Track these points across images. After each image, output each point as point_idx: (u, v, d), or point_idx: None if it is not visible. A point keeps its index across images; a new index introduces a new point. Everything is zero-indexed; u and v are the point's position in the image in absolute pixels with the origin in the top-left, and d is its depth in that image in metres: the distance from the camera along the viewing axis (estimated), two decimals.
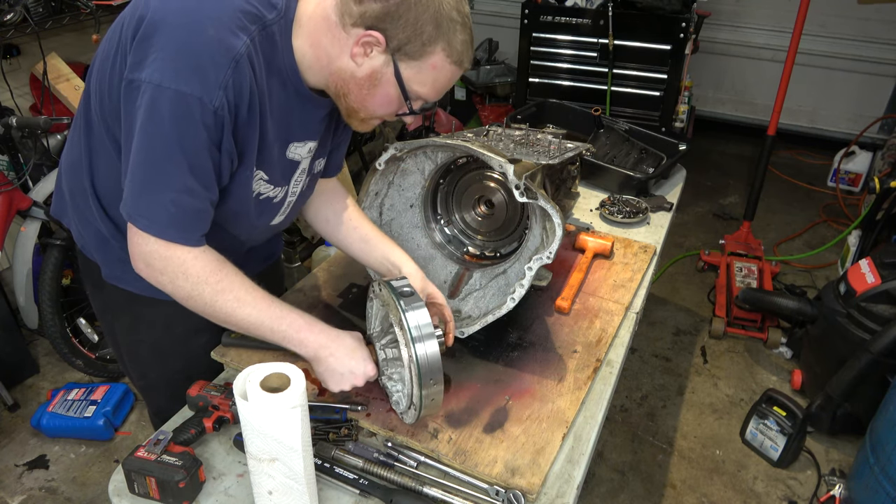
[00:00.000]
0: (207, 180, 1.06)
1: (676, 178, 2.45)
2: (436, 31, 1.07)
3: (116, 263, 1.30)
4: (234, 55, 0.98)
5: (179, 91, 0.96)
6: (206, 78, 0.97)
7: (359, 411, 1.30)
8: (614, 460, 2.45)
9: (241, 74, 1.00)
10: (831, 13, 4.37)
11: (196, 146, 1.01)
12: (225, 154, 1.07)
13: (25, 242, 2.51)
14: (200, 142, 1.00)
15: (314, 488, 1.10)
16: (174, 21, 0.98)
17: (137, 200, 1.04)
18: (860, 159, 4.30)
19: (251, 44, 1.01)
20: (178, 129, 0.98)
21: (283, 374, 1.02)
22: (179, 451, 1.15)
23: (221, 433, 1.27)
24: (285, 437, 0.99)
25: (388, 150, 1.54)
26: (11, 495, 2.27)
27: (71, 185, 1.29)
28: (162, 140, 0.99)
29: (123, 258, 1.18)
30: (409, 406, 1.22)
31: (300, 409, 0.99)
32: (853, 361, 2.26)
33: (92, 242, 1.31)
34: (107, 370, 2.68)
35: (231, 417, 1.26)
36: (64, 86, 2.67)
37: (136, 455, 1.14)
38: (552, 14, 3.67)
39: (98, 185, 1.23)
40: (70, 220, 1.34)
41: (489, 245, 1.74)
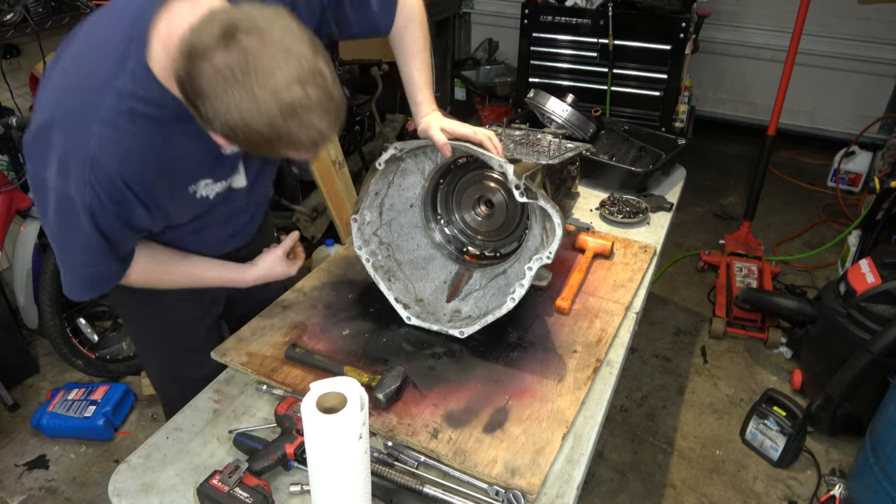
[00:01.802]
0: (104, 250, 1.15)
1: (676, 177, 2.45)
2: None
3: None
4: (88, 155, 1.03)
5: (62, 191, 1.06)
6: (71, 178, 1.05)
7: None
8: (614, 460, 2.45)
9: (103, 168, 1.04)
10: (831, 13, 4.36)
11: (81, 232, 1.11)
12: (135, 217, 1.15)
13: (25, 242, 2.51)
14: (84, 228, 1.10)
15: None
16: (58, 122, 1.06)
17: (62, 271, 1.23)
18: (860, 159, 4.30)
19: (102, 131, 1.03)
20: (62, 223, 1.11)
21: (340, 394, 1.03)
22: (254, 485, 1.13)
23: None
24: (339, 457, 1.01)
25: (388, 150, 1.54)
26: (11, 495, 2.27)
27: None
28: (59, 231, 1.14)
29: None
30: None
31: (355, 431, 1.00)
32: (853, 361, 2.26)
33: None
34: (107, 370, 2.68)
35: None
36: None
37: (211, 483, 1.13)
38: (552, 14, 3.67)
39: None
40: None
41: (489, 245, 1.74)
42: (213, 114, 0.92)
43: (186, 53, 0.91)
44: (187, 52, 0.90)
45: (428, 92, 1.56)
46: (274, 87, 0.89)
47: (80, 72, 1.05)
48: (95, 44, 1.07)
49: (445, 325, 1.56)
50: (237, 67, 0.88)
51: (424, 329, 1.58)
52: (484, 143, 1.45)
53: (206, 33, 0.90)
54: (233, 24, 0.89)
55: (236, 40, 0.88)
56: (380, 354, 1.51)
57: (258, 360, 1.47)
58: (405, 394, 1.38)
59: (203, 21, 0.92)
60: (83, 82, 1.04)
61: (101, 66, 1.03)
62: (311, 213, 3.47)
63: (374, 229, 1.62)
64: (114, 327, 2.91)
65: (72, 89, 1.05)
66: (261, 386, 1.43)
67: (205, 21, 0.92)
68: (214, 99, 0.90)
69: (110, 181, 1.06)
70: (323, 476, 1.04)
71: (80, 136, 1.03)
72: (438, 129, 1.47)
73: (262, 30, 0.90)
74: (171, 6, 1.00)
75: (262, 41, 0.89)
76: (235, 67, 0.88)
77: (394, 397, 1.35)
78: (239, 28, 0.89)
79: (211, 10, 0.95)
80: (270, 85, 0.89)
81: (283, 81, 0.90)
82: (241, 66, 0.88)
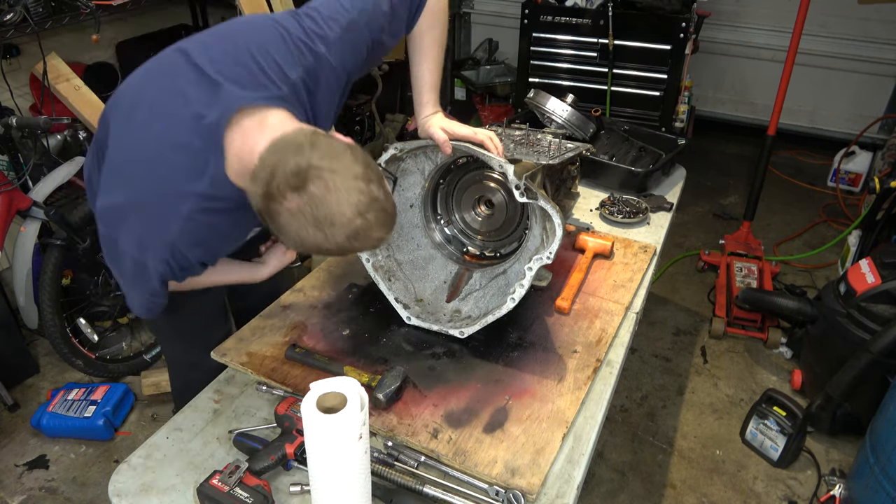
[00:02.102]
0: (164, 292, 1.34)
1: (676, 177, 2.45)
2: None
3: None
4: (168, 241, 1.21)
5: (138, 259, 1.24)
6: (149, 253, 1.23)
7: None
8: (614, 460, 2.45)
9: (181, 251, 1.23)
10: (831, 13, 4.36)
11: (150, 285, 1.29)
12: (196, 271, 1.33)
13: (25, 242, 2.51)
14: (154, 285, 1.28)
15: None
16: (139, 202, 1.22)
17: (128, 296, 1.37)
18: (860, 159, 4.29)
19: (183, 226, 1.20)
20: (134, 277, 1.29)
21: (340, 394, 1.03)
22: (254, 485, 1.13)
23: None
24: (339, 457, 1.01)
25: (388, 150, 1.54)
26: (11, 495, 2.27)
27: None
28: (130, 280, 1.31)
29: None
30: None
31: (355, 431, 1.00)
32: (853, 361, 2.26)
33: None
34: (107, 370, 2.68)
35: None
36: (64, 86, 2.67)
37: (211, 483, 1.13)
38: (552, 14, 3.67)
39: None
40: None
41: (489, 245, 1.74)
42: (289, 240, 1.10)
43: (263, 194, 1.05)
44: (264, 192, 1.05)
45: (435, 94, 1.57)
46: (340, 223, 1.05)
47: (155, 173, 1.19)
48: (164, 141, 1.18)
49: (445, 326, 1.56)
50: (308, 212, 1.04)
51: (424, 329, 1.58)
52: (484, 144, 1.45)
53: (279, 179, 1.03)
54: (302, 171, 1.03)
55: (305, 189, 1.03)
56: (380, 354, 1.51)
57: (258, 360, 1.48)
58: (405, 394, 1.38)
59: (277, 159, 1.05)
60: (162, 187, 1.19)
61: (179, 174, 1.18)
62: None
63: None
64: (114, 327, 2.91)
65: (150, 189, 1.20)
66: (261, 386, 1.43)
67: (278, 161, 1.05)
68: (290, 233, 1.07)
69: (185, 259, 1.25)
70: (323, 476, 1.04)
71: (161, 229, 1.20)
72: (439, 128, 1.48)
73: (325, 176, 1.03)
74: (242, 124, 1.15)
75: (327, 187, 1.03)
76: (307, 211, 1.04)
77: (394, 397, 1.35)
78: (308, 176, 1.03)
79: (280, 141, 1.08)
80: (337, 222, 1.05)
81: (347, 218, 1.05)
82: (311, 211, 1.04)
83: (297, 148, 1.06)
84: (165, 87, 1.22)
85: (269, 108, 1.17)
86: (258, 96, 1.17)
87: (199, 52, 1.23)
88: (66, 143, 2.72)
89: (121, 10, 2.89)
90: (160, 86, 1.24)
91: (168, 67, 1.26)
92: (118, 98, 1.32)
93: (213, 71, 1.18)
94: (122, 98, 1.31)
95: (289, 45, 1.25)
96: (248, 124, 1.15)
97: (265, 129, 1.14)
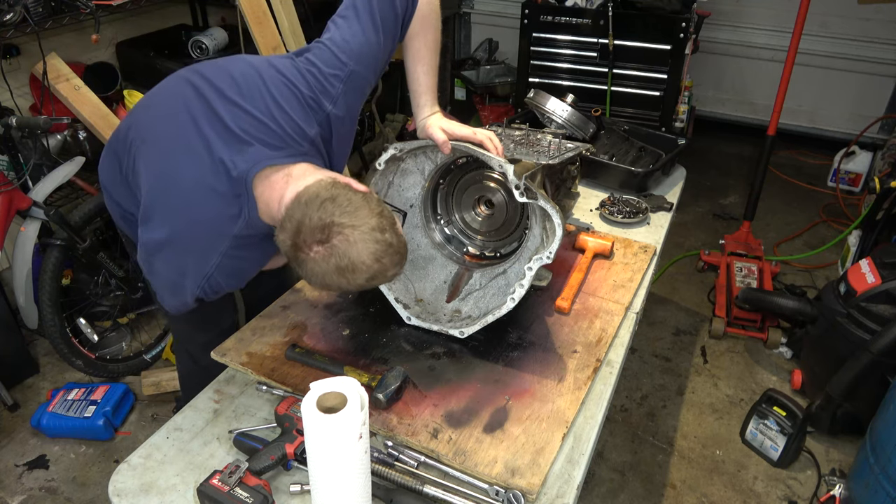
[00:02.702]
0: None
1: (676, 177, 2.45)
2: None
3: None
4: (206, 273, 1.36)
5: (176, 282, 1.40)
6: (188, 279, 1.38)
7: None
8: (614, 460, 2.45)
9: (217, 280, 1.38)
10: (831, 13, 4.36)
11: (184, 300, 1.43)
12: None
13: (25, 242, 2.51)
14: (187, 300, 1.43)
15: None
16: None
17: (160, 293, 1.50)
18: (860, 159, 4.29)
19: (223, 255, 1.35)
20: (170, 292, 1.44)
21: (340, 394, 1.03)
22: (254, 485, 1.13)
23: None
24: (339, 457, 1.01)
25: (388, 150, 1.54)
26: (11, 495, 2.27)
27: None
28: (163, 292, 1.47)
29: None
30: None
31: (355, 431, 1.00)
32: (853, 361, 2.26)
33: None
34: (107, 370, 2.68)
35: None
36: (64, 86, 2.67)
37: (211, 482, 1.13)
38: (552, 14, 3.67)
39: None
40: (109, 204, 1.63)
41: (489, 245, 1.74)
42: (314, 284, 1.24)
43: (292, 245, 1.19)
44: (292, 244, 1.19)
45: (432, 94, 1.58)
46: (360, 270, 1.19)
47: (196, 217, 1.32)
48: (202, 186, 1.30)
49: (445, 325, 1.56)
50: (332, 262, 1.17)
51: (424, 329, 1.58)
52: (484, 144, 1.45)
53: (305, 232, 1.17)
54: (326, 227, 1.16)
55: (329, 242, 1.16)
56: (380, 354, 1.51)
57: (258, 360, 1.48)
58: (405, 394, 1.38)
59: (302, 214, 1.18)
60: (203, 230, 1.33)
61: (219, 220, 1.32)
62: None
63: None
64: (114, 327, 2.91)
65: (192, 232, 1.33)
66: (261, 386, 1.43)
67: (303, 216, 1.17)
68: (316, 277, 1.21)
69: (219, 284, 1.39)
70: (323, 476, 1.04)
71: (200, 263, 1.35)
72: (438, 128, 1.48)
73: (346, 231, 1.16)
74: (270, 178, 1.28)
75: (348, 241, 1.16)
76: (331, 262, 1.17)
77: (394, 397, 1.35)
78: (332, 232, 1.16)
79: (304, 195, 1.20)
80: (358, 269, 1.18)
81: (367, 265, 1.19)
82: (335, 261, 1.17)
83: (321, 204, 1.18)
84: (188, 126, 1.32)
85: (293, 164, 1.30)
86: (284, 154, 1.29)
87: (218, 101, 1.33)
88: (66, 143, 2.72)
89: (121, 10, 2.89)
90: (182, 121, 1.33)
91: (186, 103, 1.35)
92: (138, 123, 1.43)
93: (238, 129, 1.30)
94: (143, 125, 1.42)
95: (303, 104, 1.35)
96: (275, 178, 1.29)
97: (290, 181, 1.28)
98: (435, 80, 1.59)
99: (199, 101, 1.34)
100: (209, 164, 1.29)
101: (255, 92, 1.34)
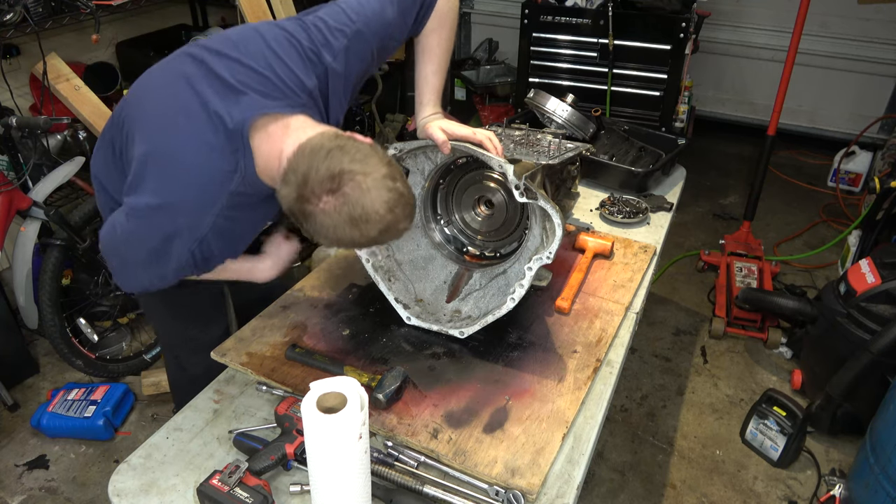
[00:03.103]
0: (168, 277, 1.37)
1: (676, 177, 2.45)
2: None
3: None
4: (199, 236, 1.27)
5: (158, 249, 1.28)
6: (175, 245, 1.27)
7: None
8: (614, 460, 2.45)
9: (208, 244, 1.29)
10: (831, 13, 4.36)
11: (160, 270, 1.32)
12: (213, 263, 1.37)
13: (25, 242, 2.51)
14: (167, 270, 1.32)
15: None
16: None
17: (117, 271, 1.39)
18: (860, 159, 4.29)
19: (216, 221, 1.26)
20: (150, 259, 1.31)
21: (340, 394, 1.03)
22: (254, 485, 1.13)
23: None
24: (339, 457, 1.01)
25: (387, 151, 1.54)
26: (11, 495, 2.27)
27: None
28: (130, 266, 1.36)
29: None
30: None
31: (355, 431, 1.00)
32: (853, 361, 2.26)
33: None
34: (107, 370, 2.68)
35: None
36: (64, 86, 2.67)
37: (211, 483, 1.13)
38: (552, 14, 3.67)
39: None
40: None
41: (489, 245, 1.74)
42: (323, 239, 1.17)
43: (297, 197, 1.12)
44: (298, 196, 1.12)
45: (436, 95, 1.58)
46: (374, 220, 1.13)
47: (193, 177, 1.24)
48: (198, 142, 1.23)
49: (445, 326, 1.56)
50: (345, 211, 1.11)
51: (424, 329, 1.58)
52: (483, 144, 1.45)
53: (314, 182, 1.10)
54: (336, 175, 1.10)
55: (341, 191, 1.10)
56: (380, 354, 1.51)
57: (258, 360, 1.48)
58: (405, 394, 1.38)
59: (308, 164, 1.11)
60: (199, 189, 1.24)
61: (216, 176, 1.24)
62: None
63: None
64: (114, 327, 2.91)
65: (188, 192, 1.24)
66: (261, 386, 1.43)
67: (309, 166, 1.11)
68: (326, 231, 1.14)
69: (210, 251, 1.30)
70: (323, 476, 1.04)
71: (194, 225, 1.25)
72: (438, 128, 1.48)
73: (358, 178, 1.10)
74: (267, 129, 1.22)
75: (361, 188, 1.11)
76: (343, 211, 1.11)
77: (394, 397, 1.35)
78: (343, 180, 1.10)
79: (308, 146, 1.14)
80: (371, 219, 1.13)
81: (381, 215, 1.13)
82: (348, 210, 1.11)
83: (327, 153, 1.12)
84: (184, 89, 1.27)
85: (291, 115, 1.24)
86: (281, 105, 1.24)
87: (216, 60, 1.28)
88: (66, 143, 2.72)
89: (121, 10, 2.90)
90: (179, 87, 1.28)
91: (183, 69, 1.31)
92: (133, 98, 1.37)
93: (234, 81, 1.24)
94: (137, 98, 1.36)
95: (302, 56, 1.31)
96: (273, 129, 1.22)
97: (290, 133, 1.21)
98: (442, 82, 1.59)
99: (195, 66, 1.30)
100: (205, 120, 1.23)
101: (253, 47, 1.30)
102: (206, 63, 1.28)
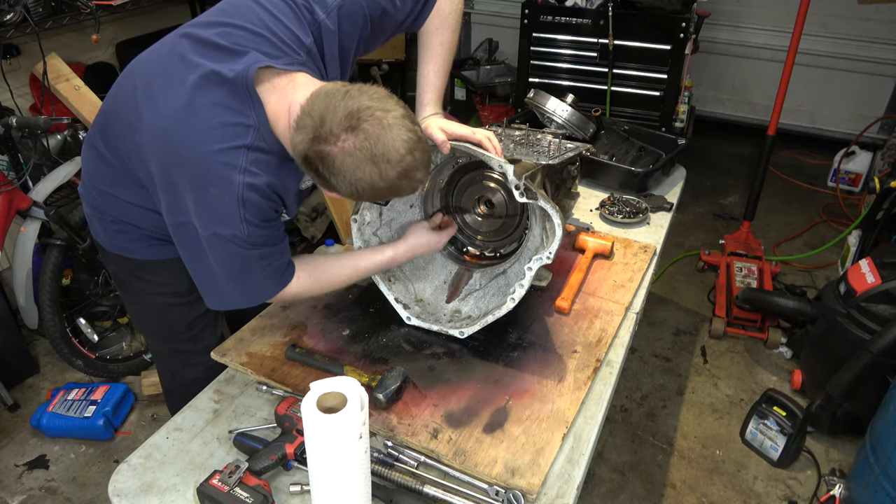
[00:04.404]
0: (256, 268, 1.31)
1: (676, 177, 2.45)
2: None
3: (115, 235, 1.49)
4: (237, 198, 1.18)
5: (223, 235, 1.22)
6: (227, 223, 1.20)
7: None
8: (614, 460, 2.45)
9: (252, 202, 1.20)
10: (831, 13, 4.36)
11: (243, 260, 1.27)
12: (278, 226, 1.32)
13: (25, 242, 2.51)
14: (248, 257, 1.26)
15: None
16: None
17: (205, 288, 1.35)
18: (860, 159, 4.29)
19: (245, 173, 1.19)
20: (229, 256, 1.26)
21: (340, 394, 1.03)
22: (254, 485, 1.13)
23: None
24: (339, 457, 1.01)
25: None
26: (11, 495, 2.27)
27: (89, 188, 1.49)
28: (225, 264, 1.27)
29: (120, 229, 1.46)
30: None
31: (355, 431, 1.00)
32: (853, 361, 2.26)
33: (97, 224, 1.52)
34: (107, 370, 2.68)
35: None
36: (64, 86, 2.67)
37: (211, 483, 1.13)
38: (552, 14, 3.67)
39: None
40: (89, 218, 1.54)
41: (489, 245, 1.74)
42: (342, 183, 1.13)
43: (313, 139, 1.09)
44: (314, 136, 1.09)
45: (437, 95, 1.58)
46: (395, 160, 1.11)
47: (204, 140, 1.18)
48: (196, 113, 1.18)
49: (445, 326, 1.56)
50: (366, 147, 1.09)
51: (424, 329, 1.58)
52: (483, 144, 1.45)
53: (332, 121, 1.08)
54: (355, 112, 1.08)
55: (361, 127, 1.08)
56: (380, 354, 1.51)
57: (258, 360, 1.48)
58: (405, 394, 1.38)
59: (325, 105, 1.10)
60: (216, 147, 1.17)
61: (230, 134, 1.18)
62: (311, 214, 3.47)
63: (373, 229, 1.62)
64: (114, 327, 2.91)
65: (206, 159, 1.18)
66: (261, 386, 1.43)
67: (327, 106, 1.10)
68: (344, 172, 1.11)
69: (259, 209, 1.22)
70: (323, 476, 1.04)
71: (228, 189, 1.18)
72: (437, 128, 1.48)
73: (378, 115, 1.09)
74: (273, 82, 1.20)
75: (382, 125, 1.09)
76: (365, 147, 1.09)
77: (394, 397, 1.35)
78: (362, 116, 1.08)
79: (323, 90, 1.13)
80: (392, 158, 1.11)
81: (401, 154, 1.12)
82: (369, 146, 1.09)
83: (345, 93, 1.11)
84: (177, 65, 1.23)
85: (295, 72, 1.22)
86: (282, 62, 1.22)
87: (209, 31, 1.25)
88: (66, 143, 2.72)
89: (121, 10, 2.90)
90: (172, 64, 1.24)
91: (175, 47, 1.27)
92: (135, 67, 1.34)
93: (231, 44, 1.21)
94: (137, 68, 1.33)
95: (296, 12, 1.28)
96: (278, 82, 1.20)
97: (298, 87, 1.20)
98: (443, 83, 1.59)
99: (185, 40, 1.26)
100: (203, 83, 1.18)
101: (245, 10, 1.27)
102: (196, 36, 1.26)
